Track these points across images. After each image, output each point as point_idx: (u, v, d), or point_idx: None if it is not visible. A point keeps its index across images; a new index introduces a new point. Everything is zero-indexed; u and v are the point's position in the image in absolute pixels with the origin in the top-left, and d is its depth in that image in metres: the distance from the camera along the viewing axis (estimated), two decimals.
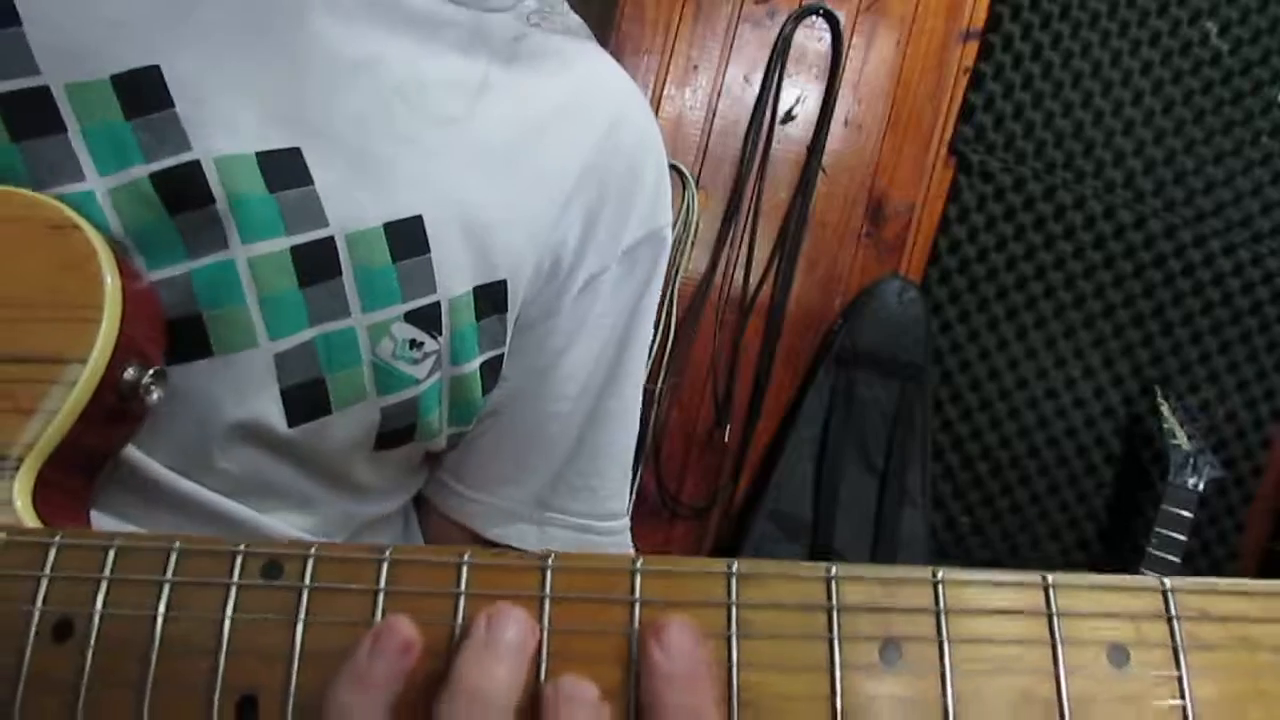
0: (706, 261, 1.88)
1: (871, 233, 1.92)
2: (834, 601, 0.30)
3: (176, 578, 0.31)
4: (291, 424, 0.49)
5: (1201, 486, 1.76)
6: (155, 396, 0.42)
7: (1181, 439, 1.78)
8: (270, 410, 0.48)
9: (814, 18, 1.86)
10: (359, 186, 0.49)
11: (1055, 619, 0.29)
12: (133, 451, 0.46)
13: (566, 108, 0.58)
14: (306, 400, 0.49)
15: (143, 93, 0.45)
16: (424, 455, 0.60)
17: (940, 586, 0.30)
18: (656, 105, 1.83)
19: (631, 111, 0.63)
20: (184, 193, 0.45)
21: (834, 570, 0.30)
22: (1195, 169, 1.92)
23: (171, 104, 0.45)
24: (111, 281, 0.40)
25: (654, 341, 1.82)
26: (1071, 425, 1.95)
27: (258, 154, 0.47)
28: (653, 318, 0.66)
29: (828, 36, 1.87)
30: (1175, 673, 0.29)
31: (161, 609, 0.31)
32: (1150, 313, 1.95)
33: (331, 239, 0.48)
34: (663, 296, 1.83)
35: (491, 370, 0.57)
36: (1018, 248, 1.90)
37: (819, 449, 1.88)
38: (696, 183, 1.84)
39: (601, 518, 0.65)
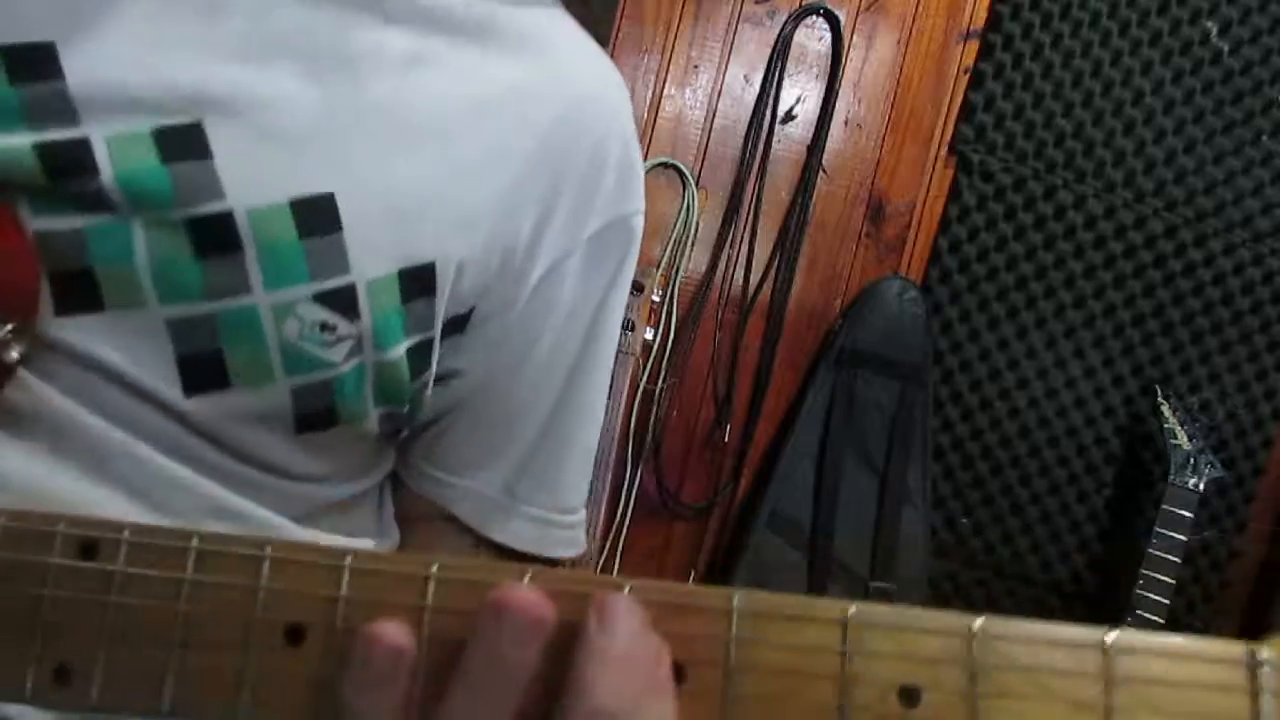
0: (706, 261, 1.88)
1: (871, 233, 1.93)
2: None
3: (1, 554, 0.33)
4: (188, 393, 0.48)
5: (1201, 486, 1.75)
6: (15, 354, 0.41)
7: (1182, 439, 1.78)
8: (166, 375, 0.47)
9: (814, 18, 1.86)
10: (266, 161, 0.48)
11: (846, 658, 0.29)
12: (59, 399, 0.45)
13: (522, 86, 0.56)
14: (203, 369, 0.48)
15: (32, 63, 0.44)
16: (389, 436, 0.59)
17: (734, 615, 0.30)
18: (656, 105, 1.84)
19: (598, 91, 0.61)
20: (72, 167, 0.44)
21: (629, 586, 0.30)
22: (1195, 169, 1.91)
23: (62, 77, 0.45)
24: None
25: (654, 341, 1.83)
26: (1071, 425, 1.95)
27: (153, 130, 0.46)
28: (620, 315, 0.64)
29: (828, 36, 1.87)
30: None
31: None
32: (1150, 313, 1.94)
33: (230, 213, 0.47)
34: (663, 296, 1.84)
35: (419, 354, 0.55)
36: (1018, 248, 1.90)
37: (819, 449, 1.88)
38: (696, 183, 1.85)
39: (562, 511, 0.65)
